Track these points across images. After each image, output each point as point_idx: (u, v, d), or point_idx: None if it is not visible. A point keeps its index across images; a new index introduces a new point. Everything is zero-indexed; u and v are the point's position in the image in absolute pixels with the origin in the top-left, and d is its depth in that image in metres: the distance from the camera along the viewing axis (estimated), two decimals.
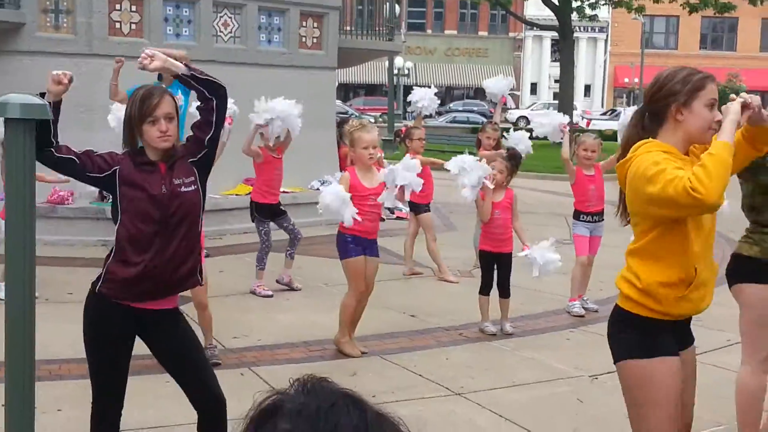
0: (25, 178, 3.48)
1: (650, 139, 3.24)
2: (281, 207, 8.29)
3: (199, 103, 3.87)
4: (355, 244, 6.21)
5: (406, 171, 6.17)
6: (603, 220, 7.76)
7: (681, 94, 3.20)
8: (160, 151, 3.75)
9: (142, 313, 3.78)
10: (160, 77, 8.73)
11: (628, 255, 3.34)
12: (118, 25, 10.40)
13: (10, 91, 3.52)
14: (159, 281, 3.74)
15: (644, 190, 3.08)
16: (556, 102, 31.73)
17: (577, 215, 7.80)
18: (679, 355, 3.30)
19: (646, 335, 3.25)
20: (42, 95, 3.58)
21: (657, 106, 3.28)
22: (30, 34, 10.03)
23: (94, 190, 10.18)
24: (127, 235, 3.72)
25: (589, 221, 7.72)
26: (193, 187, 3.82)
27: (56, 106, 3.64)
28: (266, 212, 8.15)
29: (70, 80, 3.67)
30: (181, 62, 3.86)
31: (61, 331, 6.08)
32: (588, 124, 45.28)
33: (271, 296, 7.95)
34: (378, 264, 6.49)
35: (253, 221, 8.33)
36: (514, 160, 7.57)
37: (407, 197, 6.44)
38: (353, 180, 6.15)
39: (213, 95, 3.81)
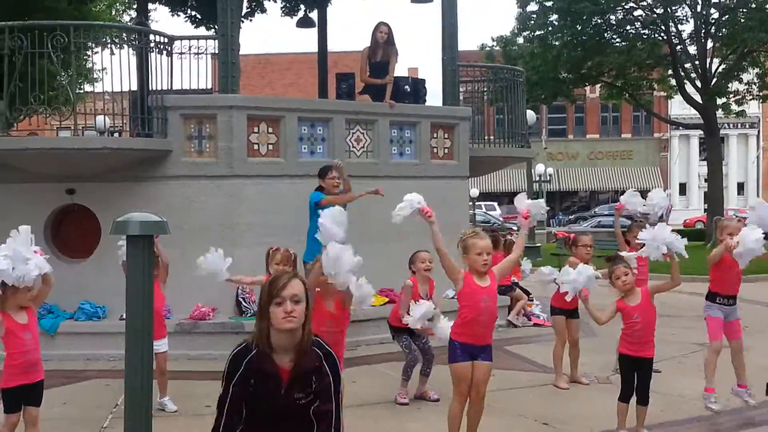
0: (145, 291, 3.69)
1: None
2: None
3: None
4: (462, 351, 6.15)
5: None
6: (736, 303, 7.57)
7: None
8: (286, 335, 3.66)
9: None
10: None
11: None
12: (256, 146, 10.92)
13: (157, 213, 3.78)
14: None
15: None
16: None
17: (712, 297, 7.54)
18: None
19: None
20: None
21: None
22: (176, 160, 10.65)
23: (232, 304, 10.57)
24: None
25: (725, 304, 7.48)
26: (311, 397, 3.72)
27: None
28: (400, 330, 8.20)
29: None
30: None
31: None
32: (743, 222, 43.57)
33: (407, 404, 7.89)
34: (490, 369, 6.25)
35: (393, 339, 8.40)
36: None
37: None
38: (468, 278, 6.15)
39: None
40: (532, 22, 30.74)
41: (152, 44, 10.86)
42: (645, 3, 30.41)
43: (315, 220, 9.44)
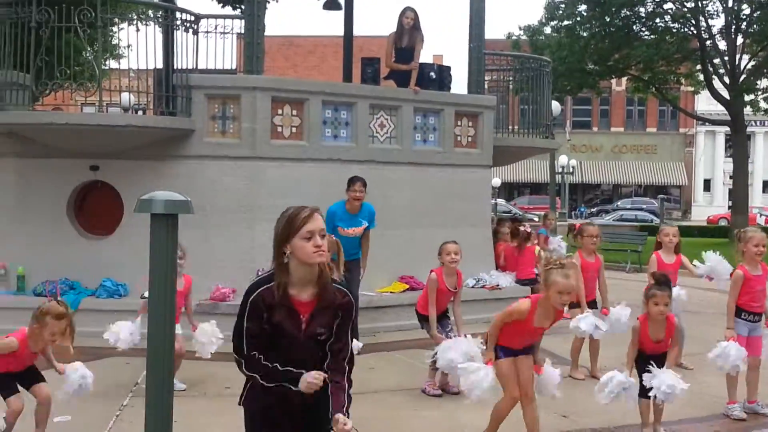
0: (167, 271, 3.65)
1: None
2: (445, 314, 8.19)
3: None
4: (505, 354, 6.07)
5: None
6: (761, 320, 7.37)
7: None
8: (310, 270, 3.69)
9: None
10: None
11: None
12: (279, 129, 10.88)
13: (180, 193, 3.75)
14: None
15: None
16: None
17: (737, 312, 7.34)
18: None
19: None
20: None
21: None
22: (199, 139, 10.64)
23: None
24: None
25: (749, 320, 7.28)
26: (330, 332, 3.79)
27: None
28: (427, 318, 8.09)
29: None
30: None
31: (217, 425, 6.26)
32: (767, 221, 43.24)
33: (440, 395, 7.82)
34: (532, 363, 6.19)
35: (421, 327, 8.26)
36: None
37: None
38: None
39: None
40: (561, 11, 30.48)
41: (178, 22, 10.83)
42: None
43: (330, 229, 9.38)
